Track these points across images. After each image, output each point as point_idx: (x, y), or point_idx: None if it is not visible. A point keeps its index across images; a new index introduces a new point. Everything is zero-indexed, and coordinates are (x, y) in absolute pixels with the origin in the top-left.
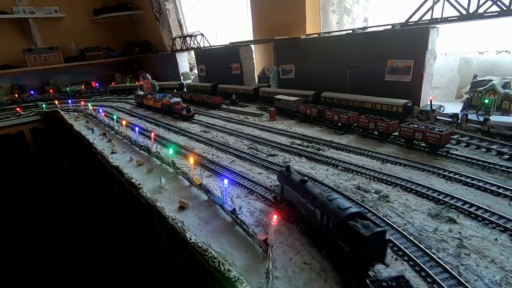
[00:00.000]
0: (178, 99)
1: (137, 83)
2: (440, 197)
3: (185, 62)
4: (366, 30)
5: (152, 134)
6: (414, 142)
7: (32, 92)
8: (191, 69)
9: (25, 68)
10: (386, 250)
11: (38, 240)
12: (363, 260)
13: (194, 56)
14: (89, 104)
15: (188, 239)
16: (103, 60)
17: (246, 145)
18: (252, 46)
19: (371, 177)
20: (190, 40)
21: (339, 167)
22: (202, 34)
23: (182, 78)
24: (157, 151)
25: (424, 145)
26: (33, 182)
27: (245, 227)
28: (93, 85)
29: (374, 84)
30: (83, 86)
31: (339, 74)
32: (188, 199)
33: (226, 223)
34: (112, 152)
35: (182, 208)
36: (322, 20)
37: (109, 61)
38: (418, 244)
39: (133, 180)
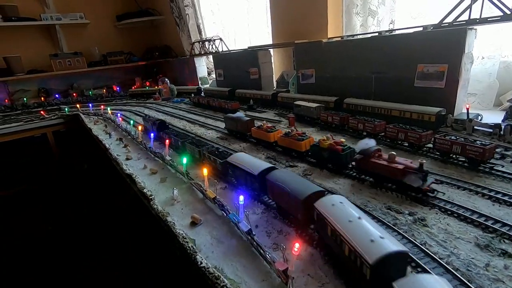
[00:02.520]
0: (374, 143)
1: (155, 87)
2: (489, 223)
3: (204, 66)
4: (394, 33)
5: (167, 141)
6: (451, 155)
7: (57, 95)
8: (209, 74)
9: (51, 72)
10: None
11: (54, 239)
12: None
13: (212, 61)
14: (108, 108)
15: (199, 262)
16: (124, 65)
17: (263, 154)
18: (271, 51)
19: (403, 195)
20: (209, 45)
21: (366, 183)
22: (220, 39)
23: (200, 82)
24: (171, 159)
25: (463, 159)
26: (56, 183)
27: (262, 251)
28: (114, 89)
29: (401, 91)
30: (104, 90)
31: (363, 79)
32: (201, 213)
33: (241, 243)
34: (127, 159)
35: (194, 224)
36: (345, 23)
37: (130, 65)
38: (468, 283)
39: (145, 190)
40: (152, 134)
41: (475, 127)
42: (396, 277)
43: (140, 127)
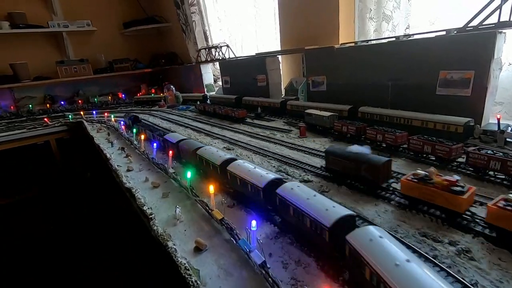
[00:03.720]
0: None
1: (161, 94)
2: None
3: (210, 73)
4: (413, 38)
5: (170, 152)
6: (488, 172)
7: (62, 102)
8: (215, 81)
9: (56, 79)
10: None
11: (54, 239)
12: None
13: (218, 68)
14: (112, 116)
15: None
16: (130, 72)
17: (274, 166)
18: (279, 57)
19: (438, 219)
20: (215, 51)
21: (393, 202)
22: (227, 45)
23: (206, 89)
24: (174, 172)
25: (503, 177)
26: (58, 191)
27: None
28: (120, 96)
29: (421, 99)
30: (110, 97)
31: (378, 86)
32: (207, 236)
33: (253, 276)
34: (128, 170)
35: (198, 249)
36: (358, 28)
37: (136, 72)
38: None
39: (145, 208)
40: (155, 144)
41: (508, 139)
42: None
43: (143, 136)
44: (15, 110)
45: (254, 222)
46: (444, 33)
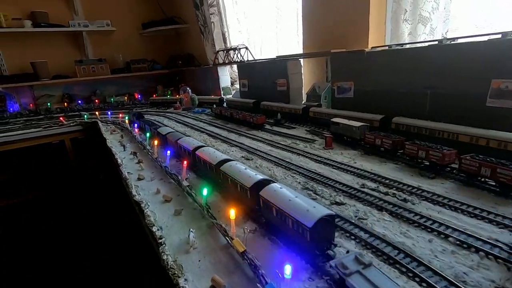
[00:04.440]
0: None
1: (177, 96)
2: None
3: (227, 76)
4: (458, 41)
5: (185, 162)
6: None
7: (79, 101)
8: (232, 84)
9: (75, 78)
10: None
11: (54, 239)
12: None
13: (236, 70)
14: (126, 118)
15: None
16: (147, 73)
17: (299, 182)
18: (301, 61)
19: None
20: (234, 54)
21: (451, 239)
22: (246, 48)
23: (222, 92)
24: (189, 186)
25: None
26: (70, 191)
27: None
28: (136, 96)
29: (467, 110)
30: (126, 97)
31: (414, 95)
32: (226, 271)
33: None
34: (139, 179)
35: None
36: (390, 30)
37: (153, 73)
38: None
39: (154, 229)
40: (168, 152)
41: None
42: None
43: (156, 142)
44: (34, 107)
45: (288, 268)
46: (499, 36)
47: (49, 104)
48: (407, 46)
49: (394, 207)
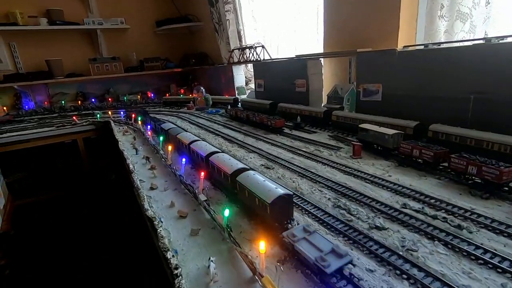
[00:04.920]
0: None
1: (190, 95)
2: None
3: (242, 75)
4: (508, 40)
5: (202, 173)
6: None
7: (93, 100)
8: (246, 84)
9: (88, 76)
10: None
11: (55, 239)
12: None
13: (251, 70)
14: (139, 118)
15: None
16: (160, 71)
17: (328, 198)
18: (322, 60)
19: None
20: (249, 52)
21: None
22: (262, 46)
23: (236, 92)
24: (207, 200)
25: None
26: (83, 192)
27: None
28: (149, 95)
29: None
30: (139, 96)
31: (453, 100)
32: None
33: None
34: (152, 188)
35: None
36: (424, 28)
37: (166, 72)
38: None
39: (169, 256)
40: (183, 159)
41: None
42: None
43: (170, 147)
44: (49, 105)
45: None
46: None
47: (63, 102)
48: (445, 45)
49: (448, 236)
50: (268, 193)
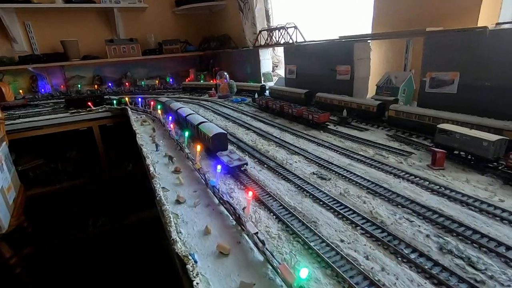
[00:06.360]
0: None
1: (211, 81)
2: None
3: (269, 60)
4: None
5: (250, 193)
6: None
7: (110, 84)
8: (272, 69)
9: (105, 59)
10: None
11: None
12: None
13: (278, 54)
14: (158, 107)
15: None
16: (179, 54)
17: (426, 235)
18: (370, 43)
19: None
20: (280, 34)
21: None
22: (295, 27)
23: (263, 79)
24: (262, 241)
25: None
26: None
27: None
28: (168, 79)
29: None
30: (157, 81)
31: None
32: None
33: None
34: (177, 201)
35: None
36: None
37: (185, 55)
38: None
39: None
40: (219, 166)
41: None
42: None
43: (199, 147)
44: (65, 89)
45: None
46: None
47: (79, 85)
48: None
49: None
50: (211, 131)
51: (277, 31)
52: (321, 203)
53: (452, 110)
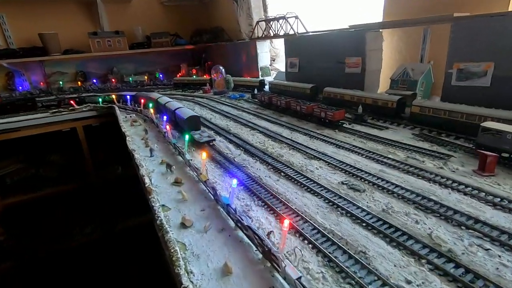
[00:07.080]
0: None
1: (205, 76)
2: None
3: (267, 53)
4: None
5: (286, 222)
6: None
7: (94, 80)
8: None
9: (89, 53)
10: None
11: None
12: None
13: (275, 47)
14: (150, 106)
15: None
16: (169, 48)
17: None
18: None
19: None
20: (279, 25)
21: None
22: (296, 17)
23: (260, 73)
24: (299, 277)
25: None
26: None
27: None
28: (158, 75)
29: None
30: (146, 77)
31: None
32: None
33: None
34: (183, 225)
35: None
36: None
37: (176, 49)
38: None
39: None
40: (235, 181)
41: None
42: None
43: (205, 154)
44: (46, 86)
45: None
46: None
47: (61, 82)
48: None
49: None
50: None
51: (276, 21)
52: (364, 224)
53: (484, 105)
